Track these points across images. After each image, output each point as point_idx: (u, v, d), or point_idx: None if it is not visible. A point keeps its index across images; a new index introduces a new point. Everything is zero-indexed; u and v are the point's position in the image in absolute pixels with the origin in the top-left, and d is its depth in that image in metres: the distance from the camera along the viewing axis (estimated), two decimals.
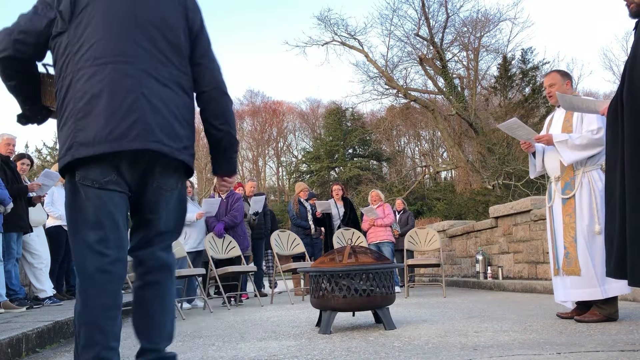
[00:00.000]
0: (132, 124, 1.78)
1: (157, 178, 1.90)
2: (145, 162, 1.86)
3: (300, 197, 8.31)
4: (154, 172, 1.89)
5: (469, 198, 21.25)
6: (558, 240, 3.77)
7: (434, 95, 26.32)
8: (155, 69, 1.87)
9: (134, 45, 1.85)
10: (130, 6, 1.88)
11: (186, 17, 1.99)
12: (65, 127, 1.83)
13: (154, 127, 1.82)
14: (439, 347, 2.83)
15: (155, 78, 1.86)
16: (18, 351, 3.04)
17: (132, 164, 1.84)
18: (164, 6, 1.94)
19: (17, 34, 1.86)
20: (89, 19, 1.84)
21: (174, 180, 1.97)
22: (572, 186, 3.70)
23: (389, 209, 7.95)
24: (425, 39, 24.68)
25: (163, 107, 1.86)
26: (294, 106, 45.07)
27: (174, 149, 1.87)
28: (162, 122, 1.84)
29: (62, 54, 1.86)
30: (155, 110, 1.83)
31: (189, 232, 6.49)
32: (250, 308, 6.06)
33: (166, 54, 1.91)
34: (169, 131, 1.86)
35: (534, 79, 23.36)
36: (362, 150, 37.40)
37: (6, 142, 5.22)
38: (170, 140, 1.86)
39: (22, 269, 5.71)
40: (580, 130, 3.68)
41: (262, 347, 3.09)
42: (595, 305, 3.58)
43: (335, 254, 3.82)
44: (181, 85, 1.94)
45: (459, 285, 8.98)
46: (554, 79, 3.86)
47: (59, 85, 1.88)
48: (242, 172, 43.10)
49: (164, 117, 1.85)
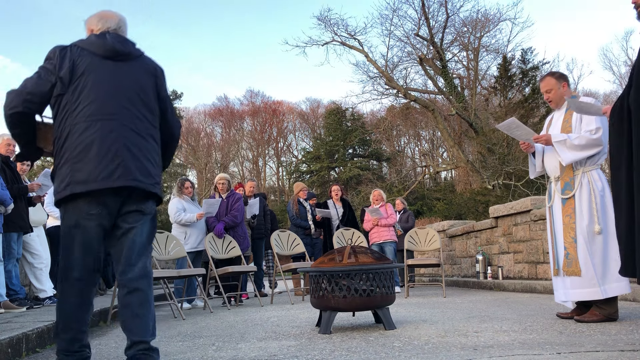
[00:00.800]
0: (116, 167, 2.39)
1: (133, 205, 2.48)
2: (126, 194, 2.45)
3: (299, 197, 8.31)
4: (131, 201, 2.48)
5: (469, 198, 21.26)
6: (558, 240, 3.77)
7: (434, 95, 26.33)
8: (134, 124, 2.49)
9: (118, 106, 2.47)
10: (115, 77, 2.51)
11: (156, 85, 2.64)
12: (63, 168, 2.40)
13: (133, 169, 2.42)
14: (439, 347, 2.83)
15: (134, 131, 2.47)
16: (18, 351, 3.04)
17: (115, 196, 2.43)
18: (140, 77, 2.59)
19: (26, 95, 2.40)
20: (84, 85, 2.44)
21: (147, 207, 2.54)
22: (571, 186, 3.70)
23: (391, 209, 7.97)
24: (425, 39, 24.69)
25: (139, 153, 2.47)
26: (294, 106, 45.07)
27: (147, 184, 2.48)
28: (139, 165, 2.45)
29: (62, 110, 2.44)
30: (133, 156, 2.44)
31: (189, 232, 6.49)
32: (250, 308, 6.07)
33: (142, 113, 2.54)
34: (143, 171, 2.47)
35: (534, 79, 23.37)
36: (362, 150, 37.40)
37: (6, 143, 5.22)
38: (145, 178, 2.47)
39: (22, 269, 5.71)
40: (579, 130, 3.68)
41: (262, 347, 3.09)
42: (595, 305, 3.58)
43: (335, 254, 3.82)
44: (153, 136, 2.58)
45: (459, 285, 8.98)
46: (549, 84, 3.87)
47: (58, 133, 2.44)
48: (242, 172, 43.08)
49: (140, 161, 2.46)
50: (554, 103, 3.90)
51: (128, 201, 2.47)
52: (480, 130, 22.53)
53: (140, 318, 2.43)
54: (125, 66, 2.56)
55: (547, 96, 3.90)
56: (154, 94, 2.62)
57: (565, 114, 3.82)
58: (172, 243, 6.02)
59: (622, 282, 3.53)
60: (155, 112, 2.63)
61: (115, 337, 3.91)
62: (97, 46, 2.52)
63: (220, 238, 6.62)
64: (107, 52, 2.53)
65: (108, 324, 4.84)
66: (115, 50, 2.54)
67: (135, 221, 2.50)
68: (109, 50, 2.53)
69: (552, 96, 3.87)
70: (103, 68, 2.50)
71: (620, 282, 3.53)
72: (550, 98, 3.88)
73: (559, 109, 3.92)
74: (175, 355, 2.96)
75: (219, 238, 6.62)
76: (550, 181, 3.92)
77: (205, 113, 45.24)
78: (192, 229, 6.52)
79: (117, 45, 2.55)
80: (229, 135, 44.29)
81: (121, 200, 2.45)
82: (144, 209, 2.52)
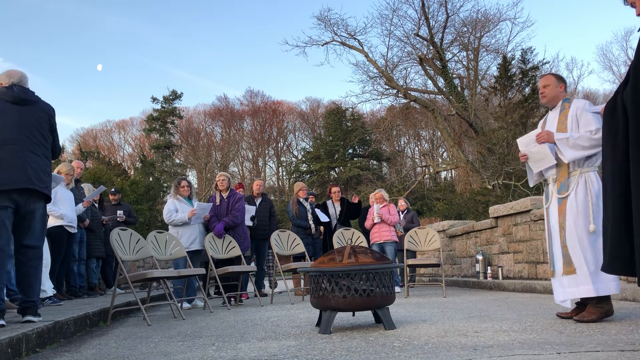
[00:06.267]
0: (21, 175, 3.60)
1: (32, 203, 3.71)
2: (28, 194, 3.66)
3: (299, 196, 8.30)
4: (30, 199, 3.69)
5: (469, 198, 21.25)
6: (554, 241, 3.81)
7: (434, 95, 26.32)
8: (33, 148, 3.72)
9: (22, 135, 3.68)
10: (19, 116, 3.71)
11: (49, 121, 3.89)
12: None
13: (32, 177, 3.65)
14: (439, 347, 2.83)
15: (33, 152, 3.71)
16: (18, 351, 3.04)
17: (20, 195, 3.62)
18: (38, 115, 3.80)
19: None
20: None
21: (40, 204, 3.79)
22: (566, 187, 3.74)
23: (394, 209, 7.97)
24: (425, 39, 24.68)
25: (37, 167, 3.71)
26: (294, 106, 45.09)
27: (42, 187, 3.73)
28: (35, 175, 3.68)
29: None
30: (32, 169, 3.67)
31: (181, 232, 6.46)
32: (250, 308, 6.07)
33: (39, 140, 3.77)
34: (39, 179, 3.70)
35: (533, 79, 23.33)
36: (362, 150, 37.41)
37: None
38: (40, 183, 3.71)
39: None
40: (576, 131, 3.73)
41: (262, 347, 3.09)
42: (590, 304, 3.60)
43: (335, 254, 3.82)
44: (46, 156, 3.84)
45: (459, 285, 8.98)
46: (548, 81, 3.95)
47: None
48: (242, 172, 43.09)
49: (36, 172, 3.69)
50: (547, 99, 3.95)
51: (27, 198, 3.65)
52: (480, 130, 22.52)
53: (31, 286, 3.73)
54: (27, 109, 3.76)
55: (542, 90, 3.95)
56: (47, 128, 3.84)
57: (560, 115, 3.86)
58: (172, 243, 6.03)
59: (613, 282, 3.55)
60: (48, 140, 3.86)
61: (115, 337, 3.91)
62: (8, 96, 3.72)
63: (220, 238, 6.62)
64: (14, 99, 3.73)
65: (108, 324, 4.85)
66: (21, 98, 3.75)
67: (33, 213, 3.74)
68: (15, 98, 3.73)
69: (547, 91, 3.92)
70: (12, 111, 3.71)
71: (611, 282, 3.54)
72: (545, 93, 3.93)
73: (553, 109, 3.97)
74: (175, 355, 2.96)
75: (219, 238, 6.61)
76: (547, 183, 3.95)
77: (205, 113, 45.28)
78: (184, 229, 6.50)
79: (22, 94, 3.77)
80: (228, 135, 44.30)
81: (25, 198, 3.65)
82: (37, 205, 3.74)
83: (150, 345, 3.41)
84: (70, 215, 6.40)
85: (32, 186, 3.62)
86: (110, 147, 44.52)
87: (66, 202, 6.33)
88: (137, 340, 3.71)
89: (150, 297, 6.24)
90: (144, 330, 4.32)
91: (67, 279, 6.89)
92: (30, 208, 3.70)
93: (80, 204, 6.85)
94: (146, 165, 31.78)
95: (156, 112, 36.62)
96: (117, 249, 5.16)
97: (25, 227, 3.72)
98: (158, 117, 36.59)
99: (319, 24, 25.51)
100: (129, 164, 41.63)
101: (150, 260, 9.79)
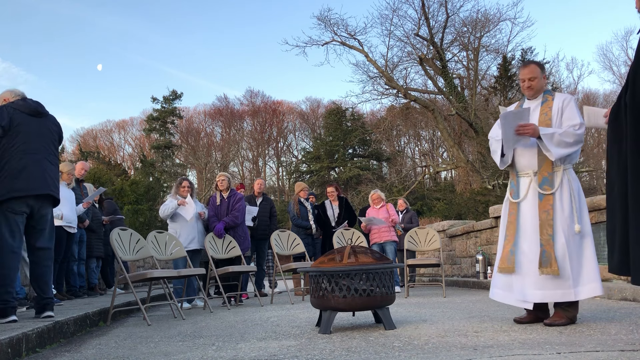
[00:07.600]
0: (40, 182, 3.93)
1: (45, 207, 4.02)
2: (42, 199, 3.97)
3: (300, 196, 8.29)
4: (44, 204, 4.00)
5: (469, 198, 21.27)
6: (527, 238, 3.58)
7: (434, 95, 26.31)
8: (49, 157, 4.07)
9: (40, 146, 4.01)
10: (39, 128, 4.04)
11: (59, 133, 4.24)
12: (4, 181, 3.79)
13: (50, 184, 4.00)
14: (439, 347, 2.83)
15: (49, 161, 4.06)
16: (18, 351, 3.04)
17: (36, 200, 3.93)
18: (52, 128, 4.16)
19: None
20: (17, 132, 3.91)
21: (50, 208, 4.09)
22: (550, 182, 3.54)
23: (392, 209, 7.95)
24: (425, 39, 24.68)
25: (53, 174, 4.07)
26: (294, 106, 45.09)
27: (56, 193, 4.08)
28: (52, 182, 4.03)
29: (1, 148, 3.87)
30: (49, 176, 4.02)
31: (179, 231, 6.46)
32: (250, 308, 6.07)
33: (52, 149, 4.13)
34: (54, 185, 4.06)
35: None
36: (362, 150, 37.42)
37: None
38: (55, 189, 4.06)
39: (22, 269, 5.70)
40: (559, 124, 3.56)
41: (262, 347, 3.09)
42: (559, 307, 3.48)
43: (335, 254, 3.82)
44: (57, 165, 4.21)
45: (459, 285, 8.98)
46: (534, 72, 3.68)
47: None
48: (242, 172, 43.08)
49: (52, 179, 4.05)
50: (534, 91, 3.70)
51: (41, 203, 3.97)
52: (480, 130, 22.51)
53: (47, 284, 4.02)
54: (42, 121, 4.09)
55: (529, 84, 3.68)
56: (59, 140, 4.24)
57: (542, 106, 3.65)
58: (172, 243, 6.02)
59: (594, 284, 3.41)
60: (57, 148, 4.26)
61: (115, 337, 3.91)
62: (26, 108, 4.01)
63: (220, 238, 6.62)
64: (32, 112, 4.03)
65: (108, 324, 4.85)
66: (38, 111, 4.08)
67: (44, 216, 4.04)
68: (33, 111, 4.04)
69: (535, 84, 3.68)
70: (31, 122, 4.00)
71: (592, 285, 3.41)
72: (532, 86, 3.68)
73: (533, 99, 3.74)
74: (175, 355, 2.96)
75: (219, 238, 6.61)
76: (518, 176, 3.70)
77: (205, 113, 45.27)
78: (183, 228, 6.50)
79: (38, 107, 4.09)
80: (229, 135, 44.29)
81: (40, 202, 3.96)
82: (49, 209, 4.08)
83: (151, 345, 3.41)
84: (69, 215, 6.40)
85: (50, 192, 3.98)
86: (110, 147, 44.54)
87: (66, 202, 6.33)
88: (137, 340, 3.71)
89: (150, 297, 6.24)
90: (144, 330, 4.33)
91: (67, 279, 6.89)
92: (43, 212, 3.99)
93: (80, 205, 6.85)
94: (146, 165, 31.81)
95: (156, 112, 36.65)
96: (117, 249, 5.16)
97: (38, 231, 3.99)
98: (158, 117, 36.62)
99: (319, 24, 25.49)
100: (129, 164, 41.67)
101: (150, 260, 9.79)
